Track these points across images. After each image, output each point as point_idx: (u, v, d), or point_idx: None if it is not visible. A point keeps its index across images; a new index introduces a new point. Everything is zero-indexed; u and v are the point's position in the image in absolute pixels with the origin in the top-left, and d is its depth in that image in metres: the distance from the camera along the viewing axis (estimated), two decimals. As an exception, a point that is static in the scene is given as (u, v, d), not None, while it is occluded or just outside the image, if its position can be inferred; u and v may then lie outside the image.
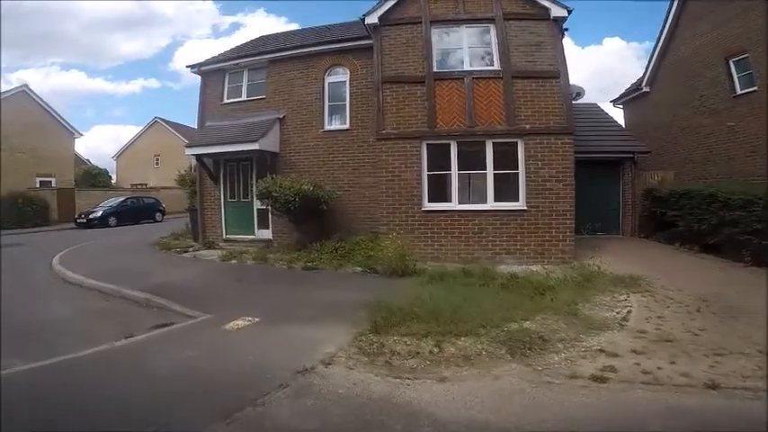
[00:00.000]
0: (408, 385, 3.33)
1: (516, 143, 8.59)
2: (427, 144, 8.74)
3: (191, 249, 10.37)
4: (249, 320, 5.06)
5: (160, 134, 32.02)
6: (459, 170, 8.65)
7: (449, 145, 8.68)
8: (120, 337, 4.69)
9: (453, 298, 5.42)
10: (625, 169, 12.08)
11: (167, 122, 32.07)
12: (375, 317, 4.66)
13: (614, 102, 16.54)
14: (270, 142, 10.17)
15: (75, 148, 28.43)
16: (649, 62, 14.55)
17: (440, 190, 8.80)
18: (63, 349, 4.22)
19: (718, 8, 11.95)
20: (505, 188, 8.65)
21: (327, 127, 10.40)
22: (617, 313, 5.00)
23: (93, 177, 30.84)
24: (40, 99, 23.26)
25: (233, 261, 8.85)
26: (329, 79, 10.61)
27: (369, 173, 9.98)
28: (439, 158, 8.74)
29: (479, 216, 8.54)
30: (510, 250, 8.46)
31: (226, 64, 11.42)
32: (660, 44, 13.96)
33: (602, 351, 3.87)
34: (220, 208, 11.19)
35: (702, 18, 12.53)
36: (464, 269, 7.12)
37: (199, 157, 10.77)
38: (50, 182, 22.87)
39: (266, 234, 10.68)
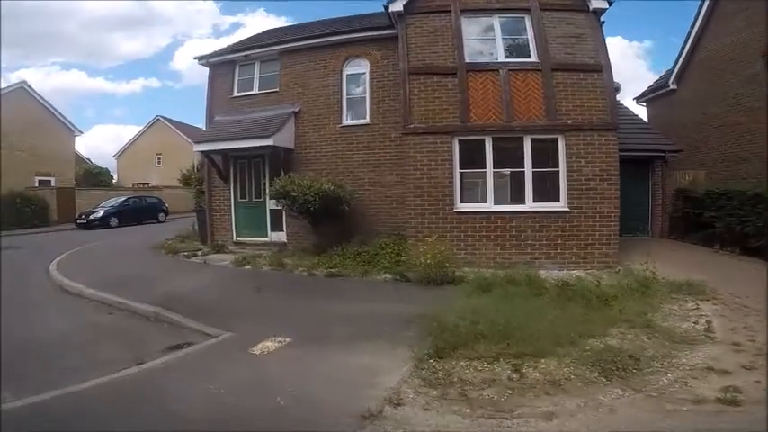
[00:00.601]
0: (509, 427, 2.59)
1: (557, 139, 7.88)
2: (459, 140, 7.97)
3: (199, 253, 9.56)
4: (280, 341, 4.28)
5: (162, 133, 31.14)
6: (494, 168, 7.89)
7: (483, 141, 7.91)
8: (127, 363, 3.91)
9: (511, 311, 4.65)
10: (655, 169, 11.41)
11: (169, 121, 31.20)
12: (433, 337, 3.97)
13: (637, 99, 15.82)
14: (284, 138, 9.38)
15: (76, 147, 27.57)
16: (677, 59, 13.85)
17: (473, 190, 8.06)
18: (59, 379, 3.46)
19: (753, 5, 11.25)
20: (545, 188, 7.92)
21: (346, 122, 9.61)
22: (695, 324, 4.52)
23: (94, 177, 29.93)
24: (40, 96, 22.41)
25: (247, 267, 8.05)
26: (347, 71, 9.82)
27: (391, 171, 9.20)
28: (472, 155, 7.99)
29: (517, 218, 7.78)
30: (550, 254, 7.73)
31: (236, 55, 10.62)
32: (690, 41, 13.27)
33: (710, 369, 3.40)
34: (230, 208, 10.38)
35: (737, 15, 11.83)
36: (507, 276, 6.35)
37: (208, 154, 9.97)
38: (50, 181, 22.00)
39: (280, 236, 9.88)
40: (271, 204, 9.96)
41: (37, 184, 21.29)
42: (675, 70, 13.87)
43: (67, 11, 74.24)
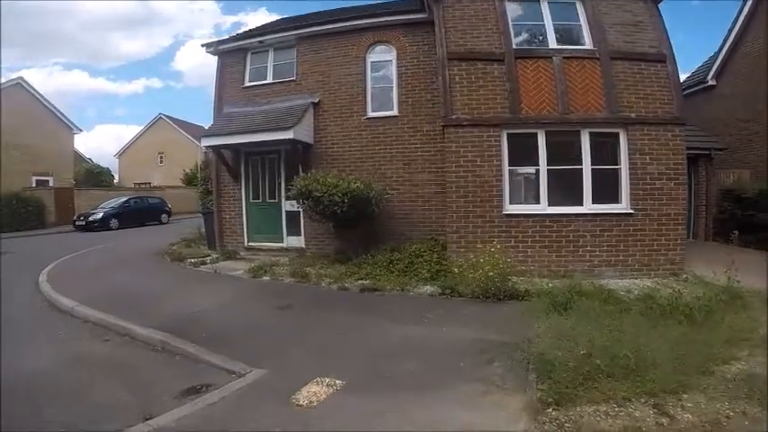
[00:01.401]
0: None
1: (618, 134, 6.90)
2: (509, 133, 6.90)
3: (208, 260, 8.46)
4: (330, 385, 3.22)
5: (164, 131, 29.98)
6: (548, 165, 6.83)
7: (536, 135, 6.86)
8: (131, 418, 2.85)
9: (615, 336, 3.76)
10: (699, 167, 10.37)
11: (171, 119, 30.02)
12: (538, 375, 3.13)
13: (668, 93, 14.73)
14: (303, 131, 8.29)
15: (77, 147, 26.47)
16: (717, 55, 12.87)
17: (525, 189, 7.02)
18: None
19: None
20: (604, 188, 6.89)
21: (371, 113, 8.53)
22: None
23: (95, 176, 28.86)
24: (37, 92, 21.27)
25: (265, 278, 6.94)
26: (371, 58, 8.74)
27: (423, 168, 8.13)
28: (523, 151, 6.93)
29: (574, 221, 6.73)
30: (611, 261, 6.71)
31: (248, 42, 9.52)
32: (732, 36, 12.28)
33: None
34: (242, 210, 9.27)
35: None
36: (572, 288, 5.33)
37: (217, 150, 8.86)
38: (48, 181, 20.87)
39: (297, 241, 8.79)
40: (287, 206, 8.88)
41: (34, 184, 20.16)
42: (715, 66, 12.90)
43: (68, 11, 72.93)
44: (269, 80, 9.37)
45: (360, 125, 8.49)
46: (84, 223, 16.70)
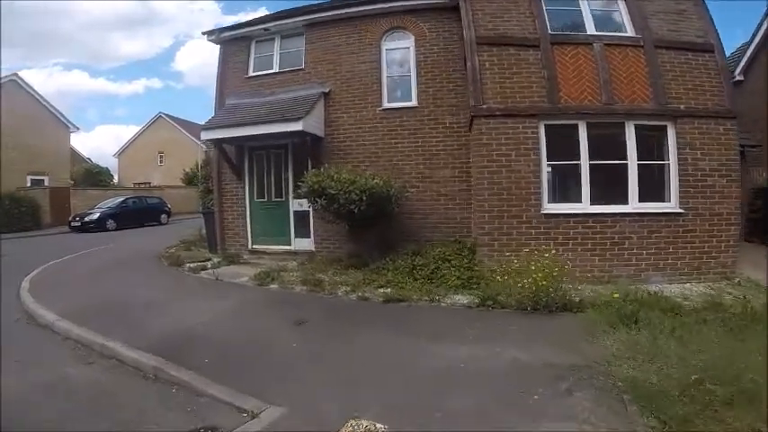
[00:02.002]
0: None
1: (665, 127, 6.23)
2: (546, 125, 6.16)
3: (209, 265, 7.66)
4: (370, 430, 2.44)
5: (164, 130, 29.12)
6: (590, 160, 6.09)
7: (576, 126, 6.12)
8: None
9: (704, 354, 3.14)
10: (731, 164, 9.65)
11: (171, 118, 29.19)
12: (640, 407, 2.51)
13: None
14: (313, 123, 7.52)
15: (77, 147, 25.70)
16: (745, 50, 12.19)
17: (564, 186, 6.26)
18: None
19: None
20: (651, 185, 6.20)
21: (387, 104, 7.77)
22: None
23: (94, 176, 28.00)
24: (33, 90, 20.43)
25: (273, 286, 6.15)
26: (387, 45, 7.98)
27: (446, 163, 7.37)
28: (562, 144, 6.19)
29: (620, 221, 6.00)
30: (658, 265, 6.01)
31: (252, 29, 8.74)
32: (761, 32, 11.58)
33: None
34: (245, 210, 8.48)
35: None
36: (625, 295, 4.65)
37: (218, 144, 8.08)
38: (43, 180, 20.03)
39: (307, 244, 8.01)
40: (295, 205, 8.11)
41: (29, 184, 19.34)
42: (743, 61, 12.24)
43: (67, 11, 72.07)
44: (275, 69, 8.60)
45: (375, 117, 7.72)
46: (79, 224, 15.88)
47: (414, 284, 5.71)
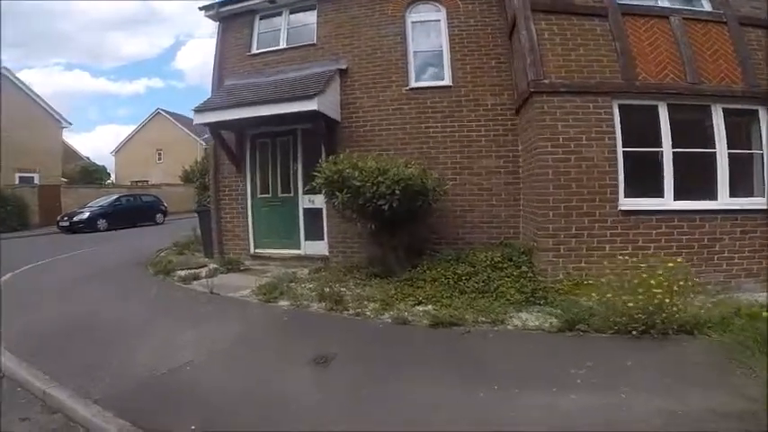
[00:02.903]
0: None
1: (756, 111, 5.00)
2: (620, 105, 4.87)
3: (203, 273, 6.34)
4: None
5: (162, 127, 27.71)
6: (672, 147, 4.80)
7: (656, 108, 4.86)
8: None
9: None
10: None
11: (170, 114, 27.79)
12: None
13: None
14: (328, 104, 6.18)
15: (77, 146, 24.34)
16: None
17: (643, 178, 4.92)
18: None
19: None
20: (741, 177, 4.92)
21: (414, 83, 6.45)
22: None
23: (90, 174, 26.65)
24: (22, 83, 19.07)
25: (283, 303, 4.77)
26: (412, 18, 6.66)
27: (489, 151, 6.05)
28: (638, 128, 4.89)
29: (709, 219, 4.75)
30: (752, 271, 4.81)
31: (256, 2, 7.36)
32: None
33: None
34: (246, 207, 7.13)
35: None
36: (738, 310, 3.42)
37: (214, 130, 6.73)
38: (33, 178, 18.67)
39: (319, 248, 6.68)
40: (305, 201, 6.79)
41: (17, 182, 17.97)
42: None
43: (68, 11, 70.66)
44: (282, 45, 7.26)
45: (401, 98, 6.40)
46: (68, 224, 14.54)
47: (462, 300, 4.37)
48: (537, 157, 4.94)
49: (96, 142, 58.13)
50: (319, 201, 6.56)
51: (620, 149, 4.80)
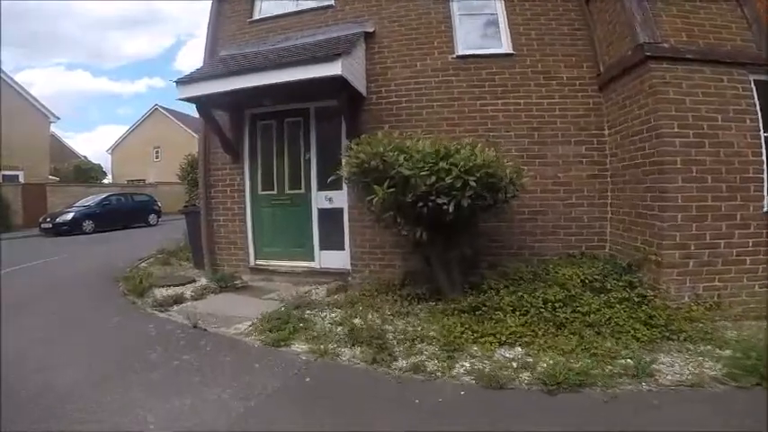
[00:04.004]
0: None
1: None
2: (755, 80, 3.35)
3: (188, 294, 4.67)
4: None
5: (160, 124, 25.90)
6: None
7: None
8: None
9: None
10: None
11: (168, 111, 25.99)
12: None
13: None
14: (354, 71, 4.55)
15: (75, 146, 22.52)
16: None
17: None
18: None
19: None
20: None
21: (462, 50, 4.85)
22: None
23: (85, 173, 24.81)
24: (5, 75, 17.29)
25: (297, 347, 3.11)
26: (455, -31, 5.07)
27: (565, 136, 4.45)
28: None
29: None
30: None
31: (258, -46, 5.80)
32: None
33: None
34: (245, 207, 5.45)
35: None
36: None
37: (204, 108, 5.05)
38: (17, 176, 16.88)
39: (338, 259, 5.03)
40: (320, 200, 5.14)
41: (0, 180, 16.19)
42: None
43: (69, 11, 68.61)
44: (291, 9, 5.63)
45: (446, 67, 4.78)
46: (50, 225, 12.80)
47: (566, 339, 2.81)
48: (657, 141, 3.36)
49: (97, 142, 56.11)
50: (339, 198, 4.94)
51: (762, 134, 3.26)
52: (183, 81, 4.70)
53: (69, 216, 12.90)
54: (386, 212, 3.36)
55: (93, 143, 59.20)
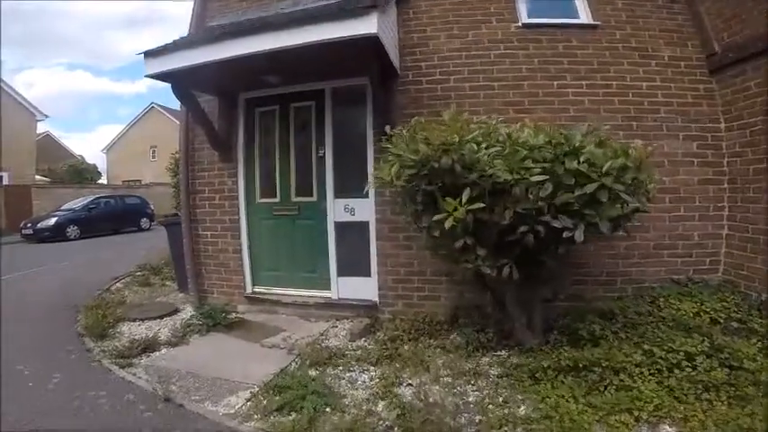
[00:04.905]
0: None
1: None
2: None
3: (165, 334, 3.36)
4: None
5: (157, 122, 24.30)
6: None
7: None
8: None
9: None
10: None
11: (165, 109, 24.41)
12: None
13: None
14: (387, 38, 3.25)
15: (68, 144, 21.03)
16: None
17: None
18: None
19: None
20: None
21: (526, 17, 3.55)
22: None
23: (79, 174, 23.25)
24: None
25: None
26: None
27: (671, 129, 3.14)
28: None
29: None
30: None
31: None
32: None
33: None
34: (239, 220, 4.08)
35: None
36: None
37: (183, 89, 3.64)
38: (1, 177, 15.34)
39: (362, 288, 3.68)
40: (339, 210, 3.77)
41: (-18, 181, 14.70)
42: None
43: (70, 11, 66.57)
44: (297, -31, 4.32)
45: (508, 38, 3.46)
46: (31, 231, 11.34)
47: (732, 410, 1.61)
48: None
49: (97, 142, 54.24)
50: (364, 209, 3.62)
51: None
52: (154, 52, 3.34)
53: (52, 221, 11.43)
54: (459, 240, 2.04)
55: (93, 143, 57.26)
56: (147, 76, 3.35)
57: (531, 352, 2.59)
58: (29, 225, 11.51)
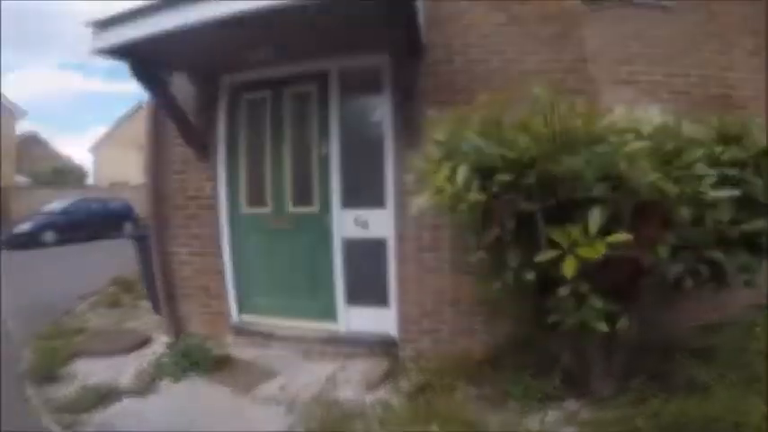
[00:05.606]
0: None
1: None
2: None
3: (128, 376, 2.51)
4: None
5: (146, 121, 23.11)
6: None
7: None
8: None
9: None
10: None
11: (155, 110, 23.19)
12: None
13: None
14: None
15: (60, 146, 19.60)
16: None
17: None
18: None
19: None
20: None
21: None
22: None
23: (65, 175, 21.91)
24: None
25: None
26: None
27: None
28: None
29: None
30: None
31: None
32: None
33: None
34: (219, 235, 3.21)
35: None
36: None
37: (147, 69, 2.79)
38: (-24, 179, 14.09)
39: (377, 320, 2.88)
40: (347, 224, 2.93)
41: (-45, 183, 13.42)
42: None
43: (65, 11, 64.20)
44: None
45: (561, 14, 2.71)
46: (4, 237, 10.21)
47: None
48: None
49: (89, 143, 52.07)
50: (380, 222, 2.81)
51: None
52: (106, 22, 2.46)
53: (27, 226, 10.30)
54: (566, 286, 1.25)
55: (84, 144, 54.91)
56: (96, 51, 2.48)
57: (607, 402, 1.92)
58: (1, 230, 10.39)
